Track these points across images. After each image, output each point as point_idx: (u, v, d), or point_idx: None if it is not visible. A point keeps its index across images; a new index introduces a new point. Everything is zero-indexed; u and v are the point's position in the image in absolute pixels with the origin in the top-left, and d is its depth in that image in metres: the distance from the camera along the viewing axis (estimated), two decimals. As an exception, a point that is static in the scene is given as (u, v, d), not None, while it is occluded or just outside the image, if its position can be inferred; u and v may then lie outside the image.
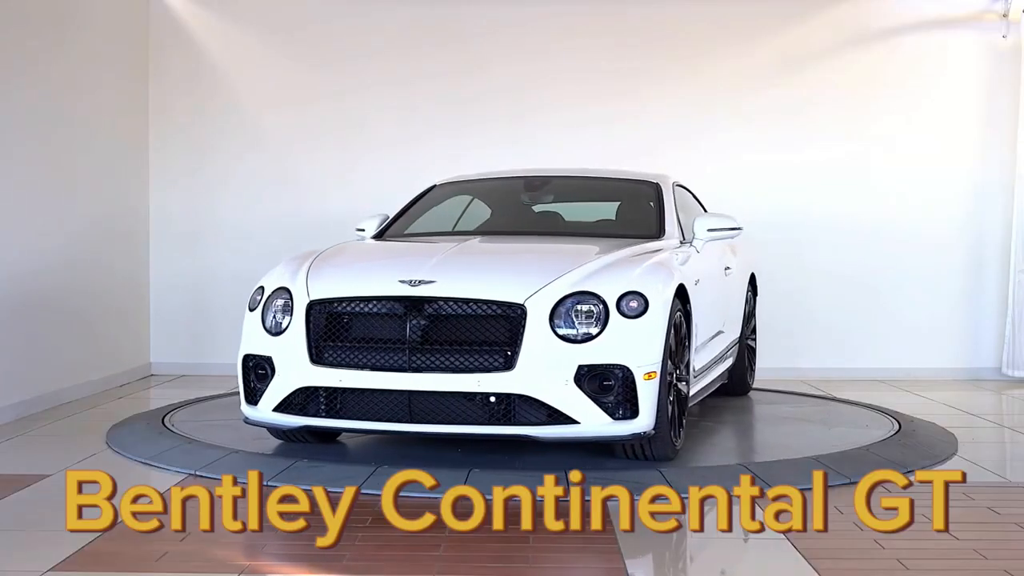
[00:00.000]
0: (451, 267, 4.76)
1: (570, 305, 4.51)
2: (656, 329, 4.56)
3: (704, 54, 8.29)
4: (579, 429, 4.47)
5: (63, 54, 6.81)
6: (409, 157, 8.21)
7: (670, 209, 5.81)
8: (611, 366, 4.45)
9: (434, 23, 8.28)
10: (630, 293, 4.55)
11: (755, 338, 7.29)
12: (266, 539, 3.74)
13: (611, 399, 4.46)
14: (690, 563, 3.68)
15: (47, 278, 6.55)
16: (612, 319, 4.49)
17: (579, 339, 4.46)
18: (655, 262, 4.90)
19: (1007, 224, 8.23)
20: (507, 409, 4.47)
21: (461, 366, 4.47)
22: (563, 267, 4.70)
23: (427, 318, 4.52)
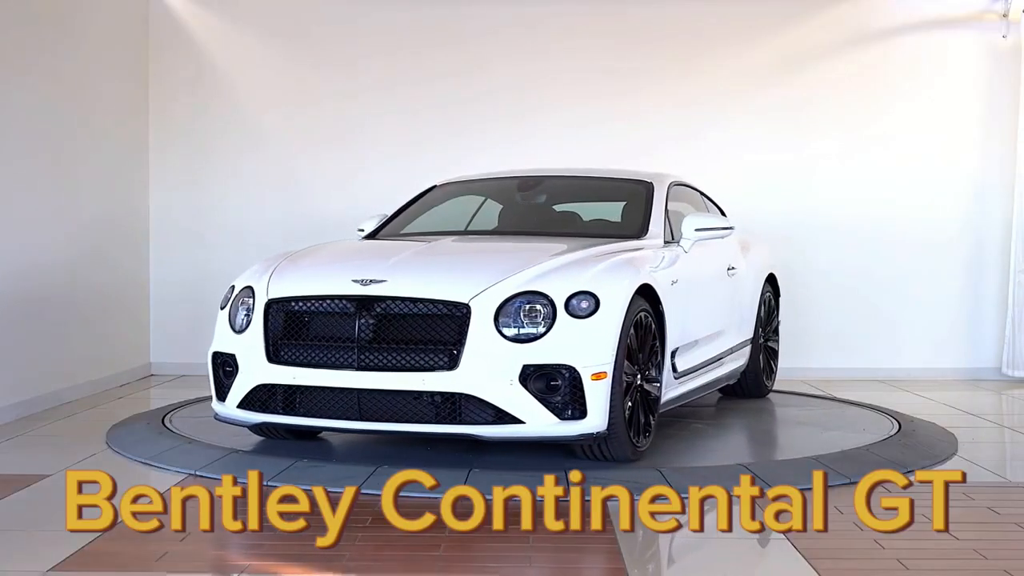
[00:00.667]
0: (404, 267, 4.80)
1: (517, 305, 4.50)
2: (608, 329, 4.53)
3: (704, 54, 8.29)
4: (524, 429, 4.45)
5: (63, 55, 6.81)
6: (410, 158, 8.21)
7: (658, 209, 5.75)
8: (557, 366, 4.43)
9: (434, 25, 8.28)
10: (581, 293, 4.53)
11: (777, 340, 7.18)
12: (266, 539, 3.74)
13: (558, 399, 4.44)
14: (690, 563, 3.67)
15: (47, 278, 6.55)
16: (559, 319, 4.47)
17: (524, 339, 4.45)
18: (617, 262, 4.87)
19: (1007, 224, 8.23)
20: (454, 408, 4.47)
21: (407, 365, 4.49)
22: (515, 267, 4.69)
23: (376, 317, 4.56)
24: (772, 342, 7.06)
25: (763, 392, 6.95)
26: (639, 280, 4.78)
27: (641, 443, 4.88)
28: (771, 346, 7.04)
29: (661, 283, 5.05)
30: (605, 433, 4.54)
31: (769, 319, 6.98)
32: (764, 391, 6.96)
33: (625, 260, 4.93)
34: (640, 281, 4.79)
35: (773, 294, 7.06)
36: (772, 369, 7.09)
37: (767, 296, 6.88)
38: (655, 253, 5.32)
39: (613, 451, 4.70)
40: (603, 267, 4.76)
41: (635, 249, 5.23)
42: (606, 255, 4.96)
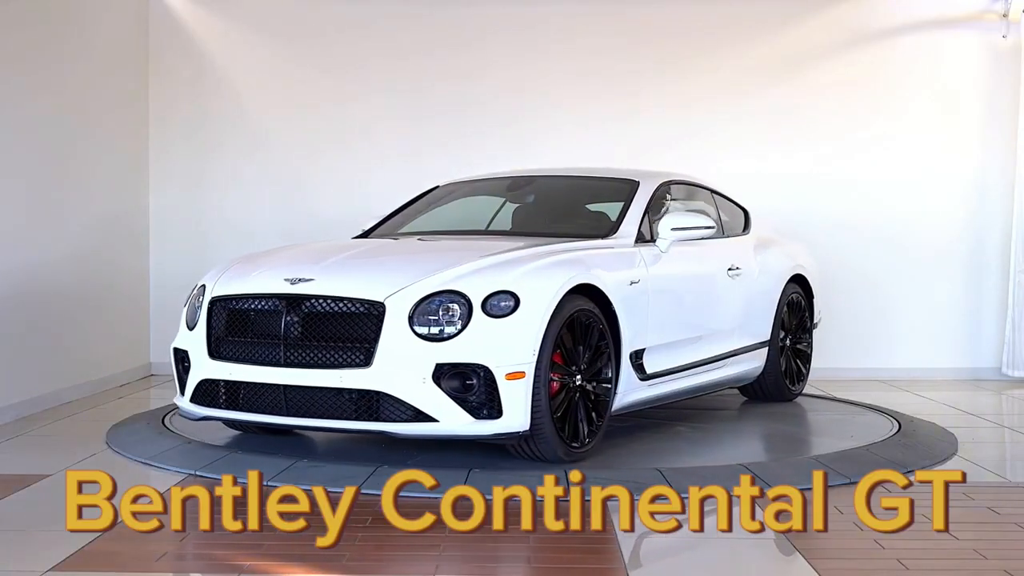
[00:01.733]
0: (335, 266, 4.87)
1: (432, 304, 4.51)
2: (528, 329, 4.51)
3: (703, 55, 8.29)
4: (438, 427, 4.46)
5: (63, 55, 6.81)
6: (411, 159, 8.21)
7: (636, 208, 5.67)
8: (470, 365, 4.43)
9: (435, 26, 8.28)
10: (500, 292, 4.53)
11: (809, 342, 6.96)
12: (266, 539, 3.74)
13: (473, 398, 4.44)
14: (690, 563, 3.67)
15: (47, 278, 6.55)
16: (475, 318, 4.48)
17: (438, 337, 4.46)
18: (551, 262, 4.81)
19: (1007, 224, 8.24)
20: (372, 405, 4.50)
21: (327, 362, 4.55)
22: (440, 266, 4.70)
23: (301, 315, 4.63)
24: (802, 345, 6.86)
25: (786, 396, 6.72)
26: (574, 280, 4.73)
27: (583, 444, 4.82)
28: (801, 349, 6.84)
29: (613, 283, 4.99)
30: (528, 433, 4.53)
31: (798, 321, 6.79)
32: (788, 395, 6.73)
33: (563, 260, 4.88)
34: (576, 281, 4.74)
35: (803, 295, 6.84)
36: (802, 373, 6.87)
37: (793, 297, 6.69)
38: (616, 253, 5.27)
39: (541, 451, 4.66)
40: (532, 267, 4.73)
41: (597, 249, 5.20)
42: (547, 255, 4.90)
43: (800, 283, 6.82)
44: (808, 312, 6.93)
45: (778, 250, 6.73)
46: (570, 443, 4.74)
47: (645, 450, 5.31)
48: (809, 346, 6.97)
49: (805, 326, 6.91)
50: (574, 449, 4.78)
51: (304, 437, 5.40)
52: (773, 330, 6.47)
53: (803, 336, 6.90)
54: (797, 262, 6.80)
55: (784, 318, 6.60)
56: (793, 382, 6.79)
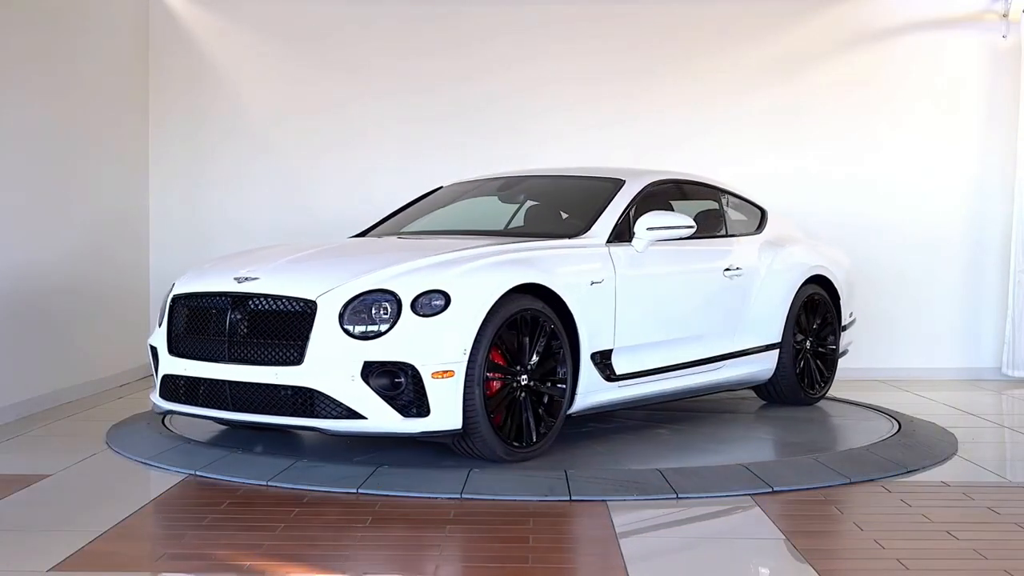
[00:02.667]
0: (284, 265, 4.98)
1: (363, 302, 4.55)
2: (457, 328, 4.52)
3: (704, 55, 8.29)
4: (367, 424, 4.50)
5: (63, 56, 6.80)
6: (411, 160, 8.20)
7: (614, 208, 5.61)
8: (397, 363, 4.47)
9: (436, 28, 8.27)
10: (431, 292, 4.56)
11: (833, 345, 6.72)
12: (266, 539, 3.74)
13: (401, 396, 4.48)
14: (690, 563, 3.67)
15: (47, 278, 6.55)
16: (404, 317, 4.51)
17: (366, 336, 4.50)
18: (493, 261, 4.81)
19: (1007, 224, 8.24)
20: (307, 401, 4.55)
21: (265, 359, 4.64)
22: (378, 265, 4.76)
23: (244, 313, 4.73)
24: (825, 347, 6.67)
25: (803, 400, 6.53)
26: (514, 280, 4.71)
27: (530, 444, 4.81)
28: (822, 351, 6.65)
29: (568, 284, 4.96)
30: (461, 431, 4.55)
31: (821, 323, 6.62)
32: (806, 399, 6.54)
33: (507, 260, 4.86)
34: (517, 281, 4.71)
35: (827, 296, 6.66)
36: (823, 376, 6.67)
37: (814, 298, 6.53)
38: (578, 253, 5.23)
39: (479, 450, 4.67)
40: (468, 267, 4.74)
41: (557, 249, 5.18)
42: (492, 255, 4.90)
43: (824, 284, 6.64)
44: (833, 313, 6.72)
45: (794, 249, 6.55)
46: (513, 443, 4.73)
47: (645, 450, 5.32)
48: (833, 348, 6.74)
49: (830, 328, 6.71)
50: (517, 449, 4.75)
51: (304, 437, 5.40)
52: (785, 332, 6.31)
53: (828, 338, 6.70)
54: (817, 262, 6.61)
55: (801, 319, 6.45)
56: (813, 386, 6.59)
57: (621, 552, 3.64)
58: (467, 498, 4.27)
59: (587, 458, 5.03)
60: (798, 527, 3.99)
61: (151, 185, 8.21)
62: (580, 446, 5.32)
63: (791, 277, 6.38)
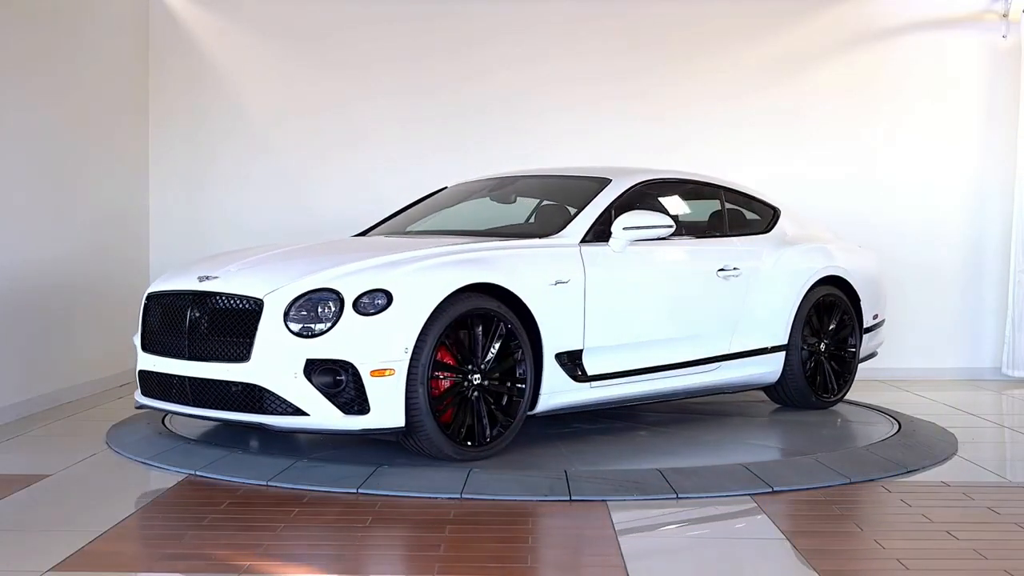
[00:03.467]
0: (245, 264, 5.06)
1: (308, 301, 4.61)
2: (400, 327, 4.55)
3: (704, 56, 8.29)
4: (309, 421, 4.57)
5: (63, 56, 6.80)
6: (412, 161, 8.19)
7: (593, 207, 5.58)
8: (337, 361, 4.52)
9: (437, 29, 8.27)
10: (373, 291, 4.60)
11: (853, 348, 6.55)
12: (266, 539, 3.74)
13: (343, 394, 4.53)
14: (690, 563, 3.67)
15: (47, 279, 6.55)
16: (345, 316, 4.55)
17: (309, 334, 4.57)
18: (441, 262, 4.83)
19: (1007, 224, 8.24)
20: (256, 397, 4.63)
21: (217, 355, 4.74)
22: (327, 265, 4.82)
23: (203, 311, 4.85)
24: (844, 350, 6.53)
25: (815, 404, 6.40)
26: (463, 280, 4.73)
27: (483, 444, 4.81)
28: (840, 355, 6.51)
29: (528, 283, 4.96)
30: (404, 429, 4.59)
31: (838, 325, 6.48)
32: (818, 403, 6.41)
33: (458, 260, 4.88)
34: (466, 281, 4.73)
35: (846, 298, 6.51)
36: (839, 381, 6.50)
37: (827, 299, 6.39)
38: (543, 252, 5.21)
39: (425, 448, 4.70)
40: (414, 267, 4.77)
41: (522, 248, 5.18)
42: (444, 255, 4.93)
43: (842, 286, 6.51)
44: (852, 315, 6.56)
45: (802, 249, 6.41)
46: (463, 442, 4.74)
47: (645, 450, 5.32)
48: (852, 352, 6.57)
49: (848, 330, 6.55)
50: (468, 448, 4.76)
51: (304, 437, 5.39)
52: (792, 333, 6.20)
53: (848, 340, 6.54)
54: (830, 263, 6.45)
55: (813, 321, 6.33)
56: (827, 389, 6.45)
57: (621, 552, 3.64)
58: (467, 498, 4.27)
59: (587, 458, 5.03)
60: (798, 527, 3.99)
61: (151, 185, 8.21)
62: (579, 446, 5.32)
63: (798, 278, 6.27)
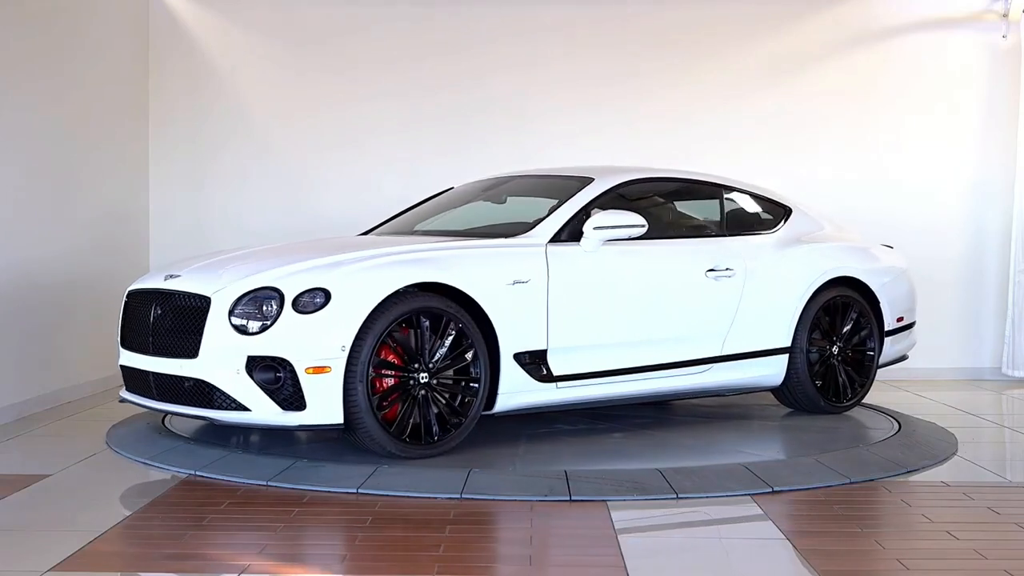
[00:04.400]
0: (206, 264, 5.23)
1: (252, 299, 4.73)
2: (336, 325, 4.64)
3: (704, 58, 8.28)
4: (250, 416, 4.70)
5: (63, 56, 6.80)
6: (413, 162, 8.18)
7: (567, 207, 5.53)
8: (275, 358, 4.64)
9: (438, 30, 8.26)
10: (312, 290, 4.69)
11: (871, 351, 6.34)
12: (266, 539, 3.74)
13: (282, 390, 4.64)
14: (690, 563, 3.67)
15: (47, 278, 6.55)
16: (285, 314, 4.66)
17: (251, 331, 4.69)
18: (385, 261, 4.90)
19: (1007, 224, 8.24)
20: (207, 392, 4.77)
21: (173, 351, 4.90)
22: (278, 263, 4.94)
23: (163, 308, 5.03)
24: (862, 353, 6.33)
25: (824, 409, 6.20)
26: (405, 279, 4.78)
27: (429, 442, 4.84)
28: (858, 359, 6.32)
29: (483, 283, 4.98)
30: (342, 426, 4.67)
31: (852, 327, 6.28)
32: (827, 408, 6.21)
33: (404, 260, 4.93)
34: (409, 280, 4.78)
35: (863, 300, 6.32)
36: (851, 386, 6.29)
37: (838, 301, 6.20)
38: (502, 252, 5.20)
39: (367, 445, 4.78)
40: (356, 266, 4.85)
41: (482, 248, 5.21)
42: (393, 254, 4.99)
43: (850, 286, 6.29)
44: (870, 318, 6.33)
45: (811, 249, 6.25)
46: (408, 439, 4.79)
47: (645, 450, 5.32)
48: (871, 356, 6.35)
49: (866, 333, 6.34)
50: (412, 446, 4.80)
51: (304, 437, 5.40)
52: (797, 336, 6.04)
53: (866, 343, 6.34)
54: (841, 263, 6.27)
55: (824, 324, 6.15)
56: (838, 394, 6.24)
57: (621, 552, 3.64)
58: (467, 498, 4.27)
59: (587, 458, 5.03)
60: (798, 527, 3.99)
61: (152, 185, 8.21)
62: (579, 446, 5.32)
63: (803, 279, 6.11)
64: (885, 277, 6.52)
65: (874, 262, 6.55)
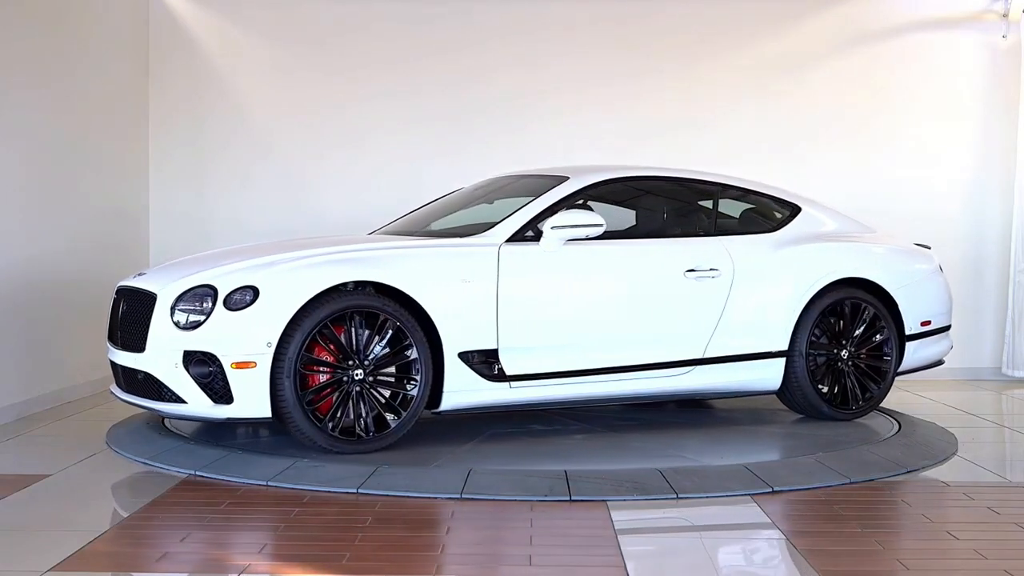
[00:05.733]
0: (170, 263, 5.52)
1: (192, 295, 4.95)
2: (263, 322, 4.81)
3: (703, 57, 8.28)
4: (187, 409, 4.91)
5: (63, 57, 6.80)
6: (413, 163, 8.17)
7: (531, 207, 5.52)
8: (205, 353, 4.83)
9: (438, 30, 8.24)
10: (243, 287, 4.89)
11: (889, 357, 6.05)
12: (266, 539, 3.74)
13: (214, 384, 4.84)
14: (690, 563, 3.67)
15: (48, 279, 6.55)
16: (217, 310, 4.86)
17: (187, 327, 4.90)
18: (317, 260, 5.02)
19: (1007, 224, 8.24)
20: (156, 385, 4.98)
21: (130, 345, 5.13)
22: (225, 262, 5.14)
23: (128, 304, 5.27)
24: (875, 359, 6.05)
25: (826, 416, 5.96)
26: (334, 278, 4.89)
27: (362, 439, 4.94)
28: (867, 364, 6.03)
29: (424, 282, 5.05)
30: (270, 419, 4.84)
31: (865, 331, 6.01)
32: (831, 414, 5.96)
33: (337, 259, 5.04)
34: (338, 279, 4.90)
35: (877, 302, 6.03)
36: (867, 391, 6.02)
37: (847, 304, 5.94)
38: (451, 252, 5.25)
39: (297, 438, 4.93)
40: (288, 265, 5.00)
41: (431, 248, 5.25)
42: (329, 253, 5.11)
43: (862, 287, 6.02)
44: (887, 321, 6.05)
45: (813, 249, 6.01)
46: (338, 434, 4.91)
47: (645, 450, 5.32)
48: (887, 360, 6.07)
49: (883, 338, 6.05)
50: (344, 441, 4.92)
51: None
52: (796, 339, 5.83)
53: (883, 348, 6.05)
54: (851, 264, 6.01)
55: (833, 326, 5.94)
56: (846, 401, 5.98)
57: (621, 552, 3.64)
58: (467, 498, 4.27)
59: (587, 458, 5.03)
60: (798, 527, 3.99)
61: (152, 185, 8.21)
62: (579, 445, 5.32)
63: (803, 279, 5.88)
64: (905, 279, 6.21)
65: (892, 263, 6.24)
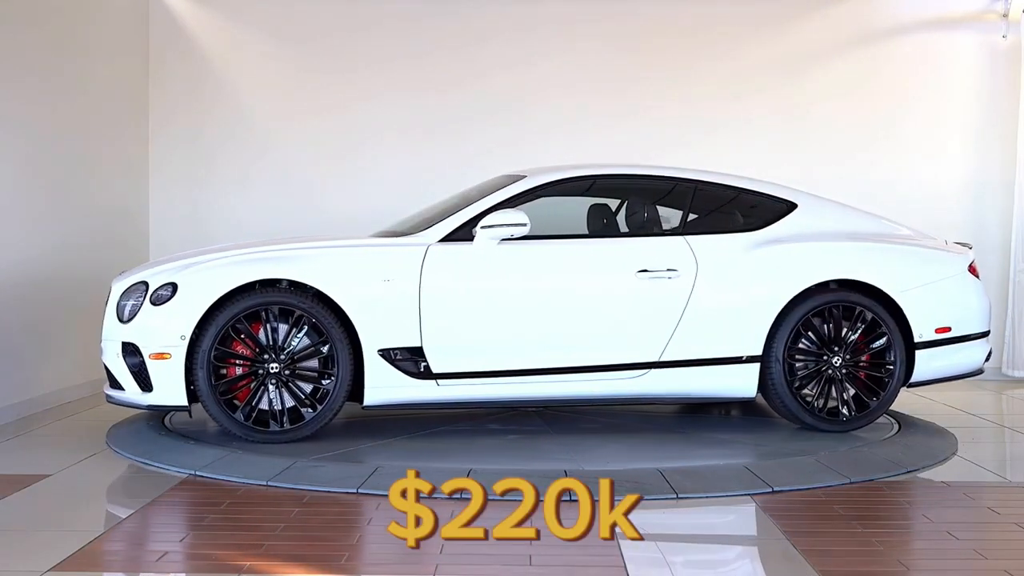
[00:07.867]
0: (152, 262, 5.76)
1: (132, 291, 5.32)
2: (177, 317, 5.16)
3: (705, 56, 8.28)
4: (125, 396, 5.31)
5: (63, 57, 6.80)
6: (413, 163, 8.18)
7: (474, 206, 5.53)
8: (132, 344, 5.22)
9: (438, 30, 8.25)
10: (165, 284, 5.24)
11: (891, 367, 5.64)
12: (266, 539, 3.74)
13: (140, 373, 5.21)
14: (691, 564, 3.67)
15: (48, 278, 6.55)
16: (144, 305, 5.24)
17: (126, 319, 5.27)
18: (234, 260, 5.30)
19: (1007, 224, 8.24)
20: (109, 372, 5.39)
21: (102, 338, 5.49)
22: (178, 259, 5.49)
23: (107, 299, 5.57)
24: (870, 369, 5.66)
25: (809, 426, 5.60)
26: (246, 276, 5.17)
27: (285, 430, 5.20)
28: (866, 372, 5.65)
29: (342, 281, 5.24)
30: (187, 408, 5.19)
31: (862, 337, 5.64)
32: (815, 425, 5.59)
33: (252, 258, 5.31)
34: (249, 277, 5.17)
35: (878, 305, 5.63)
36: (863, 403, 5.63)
37: (836, 308, 5.57)
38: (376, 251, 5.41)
39: (220, 424, 5.23)
40: (208, 264, 5.30)
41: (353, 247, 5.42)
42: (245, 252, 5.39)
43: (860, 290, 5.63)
44: (888, 327, 5.64)
45: (796, 249, 5.64)
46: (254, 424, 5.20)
47: (645, 450, 5.31)
48: (888, 370, 5.65)
49: (884, 344, 5.65)
50: (258, 431, 5.20)
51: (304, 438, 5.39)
52: (773, 344, 5.50)
53: (886, 356, 5.66)
54: (839, 265, 5.61)
55: (822, 331, 5.59)
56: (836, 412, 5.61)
57: (621, 552, 3.64)
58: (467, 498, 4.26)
59: (587, 458, 5.03)
60: (798, 527, 3.99)
61: (152, 185, 8.21)
62: (579, 445, 5.32)
63: (781, 280, 5.54)
64: (914, 282, 5.71)
65: (897, 265, 5.77)
